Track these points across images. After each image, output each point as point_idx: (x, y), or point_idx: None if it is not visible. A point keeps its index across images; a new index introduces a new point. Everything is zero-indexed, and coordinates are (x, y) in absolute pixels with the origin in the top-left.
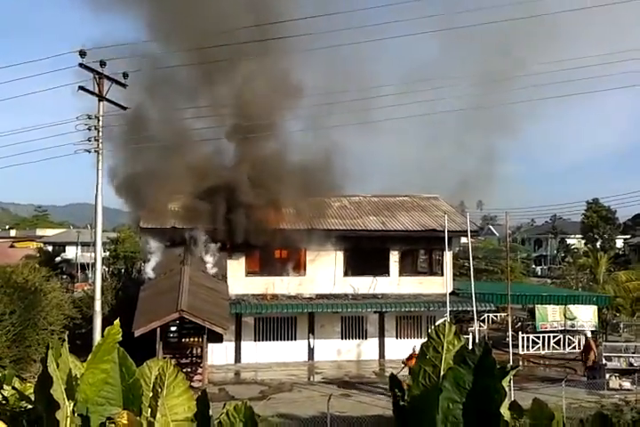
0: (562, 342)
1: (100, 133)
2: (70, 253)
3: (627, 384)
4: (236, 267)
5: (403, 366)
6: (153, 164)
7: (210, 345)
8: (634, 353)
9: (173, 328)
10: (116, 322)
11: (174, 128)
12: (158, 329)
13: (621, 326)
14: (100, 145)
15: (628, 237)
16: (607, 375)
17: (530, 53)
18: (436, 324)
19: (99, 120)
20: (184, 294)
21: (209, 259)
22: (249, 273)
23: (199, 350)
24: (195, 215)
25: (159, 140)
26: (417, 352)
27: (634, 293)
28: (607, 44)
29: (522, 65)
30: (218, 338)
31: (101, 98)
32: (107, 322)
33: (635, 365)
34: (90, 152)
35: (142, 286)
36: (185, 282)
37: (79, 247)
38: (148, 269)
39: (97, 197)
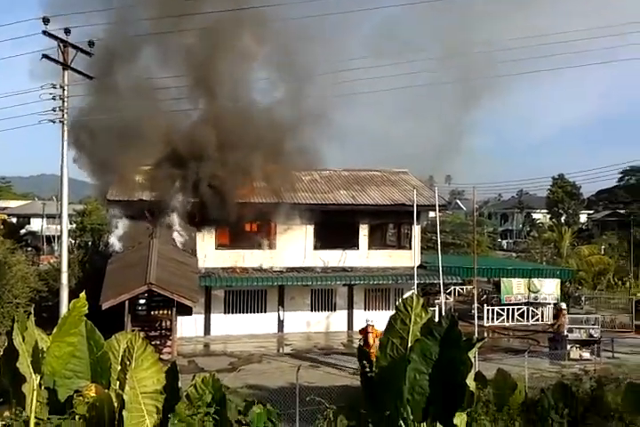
0: (526, 314)
1: (65, 104)
2: (35, 225)
3: (586, 355)
4: (206, 240)
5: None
6: (119, 134)
7: (179, 318)
8: (594, 325)
9: (142, 301)
10: (82, 295)
11: (140, 95)
12: (127, 302)
13: (583, 298)
14: (65, 115)
15: (591, 212)
16: (568, 346)
17: (505, 27)
18: (404, 296)
19: (63, 90)
20: (153, 267)
21: (178, 232)
22: (219, 246)
23: (168, 322)
24: (163, 187)
25: (125, 109)
26: (370, 324)
27: (596, 266)
28: (585, 20)
29: (496, 39)
30: (187, 311)
31: (66, 67)
32: (74, 295)
33: (594, 336)
34: (54, 122)
35: (110, 258)
36: (153, 255)
37: (44, 219)
38: (116, 242)
39: (62, 168)
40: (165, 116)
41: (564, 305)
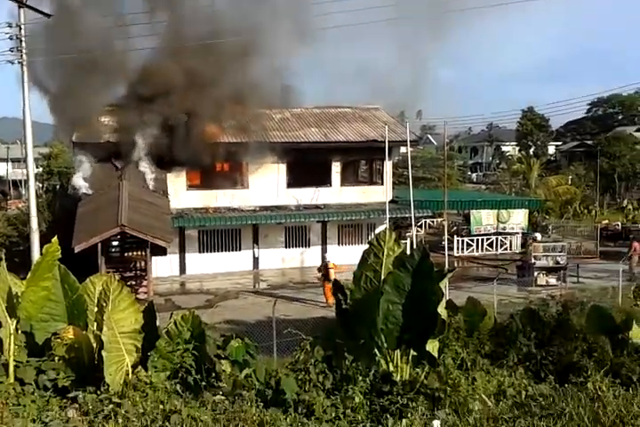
0: (494, 244)
1: (24, 44)
2: (0, 169)
3: (553, 281)
4: (177, 181)
5: (319, 273)
6: (82, 73)
7: (154, 258)
8: (561, 252)
9: (115, 243)
10: (54, 239)
11: (101, 32)
12: (99, 244)
13: (550, 227)
14: (24, 56)
15: (559, 143)
16: (535, 273)
17: None
18: (377, 231)
19: (20, 29)
20: (124, 209)
21: (148, 174)
22: (190, 187)
23: (143, 263)
24: (130, 128)
25: (87, 49)
26: (330, 261)
27: (563, 196)
28: None
29: None
30: (161, 251)
31: (21, 4)
32: (45, 239)
33: (561, 263)
34: (13, 63)
35: (80, 202)
36: (124, 197)
37: (9, 164)
38: (85, 185)
39: (24, 111)
40: (130, 53)
41: (538, 236)
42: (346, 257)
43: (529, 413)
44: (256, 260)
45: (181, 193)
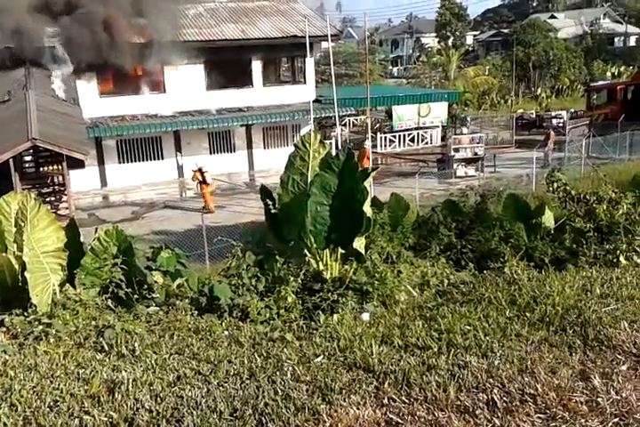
0: (416, 139)
1: None
2: None
3: (471, 171)
4: (88, 88)
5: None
6: None
7: (72, 172)
8: (478, 143)
9: (28, 158)
10: None
11: None
12: (11, 160)
13: (469, 119)
14: None
15: (477, 33)
16: (455, 165)
17: None
18: (302, 132)
19: None
20: (34, 121)
21: (55, 81)
22: (103, 94)
23: (60, 178)
24: (30, 32)
25: None
26: (200, 168)
27: (480, 87)
28: None
29: None
30: (79, 164)
31: None
32: None
33: (479, 153)
34: None
35: None
36: (32, 108)
37: None
38: None
39: None
40: None
41: (465, 129)
42: (272, 161)
43: (451, 300)
44: (180, 168)
45: (94, 101)
